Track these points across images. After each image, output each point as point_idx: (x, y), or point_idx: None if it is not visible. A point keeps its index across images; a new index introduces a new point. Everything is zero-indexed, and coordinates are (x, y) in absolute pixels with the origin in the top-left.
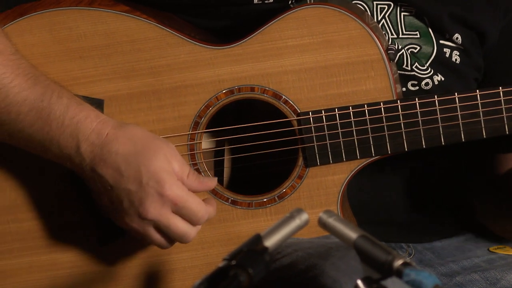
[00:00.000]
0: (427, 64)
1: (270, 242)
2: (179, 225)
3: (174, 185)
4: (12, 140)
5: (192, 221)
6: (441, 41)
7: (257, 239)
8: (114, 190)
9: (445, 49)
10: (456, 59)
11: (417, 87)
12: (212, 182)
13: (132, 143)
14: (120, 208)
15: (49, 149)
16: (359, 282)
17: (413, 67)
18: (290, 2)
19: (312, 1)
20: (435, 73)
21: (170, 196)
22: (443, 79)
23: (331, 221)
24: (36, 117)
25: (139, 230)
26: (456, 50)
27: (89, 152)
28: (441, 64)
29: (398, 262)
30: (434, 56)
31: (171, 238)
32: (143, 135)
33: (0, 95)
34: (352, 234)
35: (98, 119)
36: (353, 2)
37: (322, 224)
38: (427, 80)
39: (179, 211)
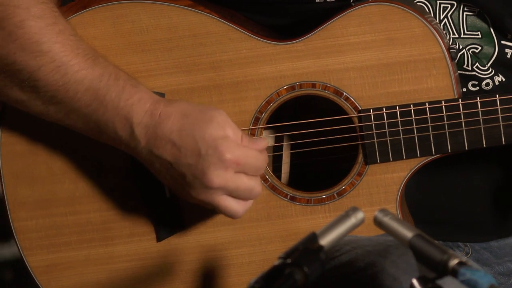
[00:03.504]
0: (488, 65)
1: (325, 241)
2: (245, 181)
3: (232, 147)
4: (68, 120)
5: (256, 172)
6: (502, 42)
7: (313, 238)
8: (175, 167)
9: (506, 50)
10: None
11: (478, 88)
12: (263, 141)
13: (184, 118)
14: (184, 183)
15: (105, 131)
16: (415, 281)
17: (474, 67)
18: (351, 0)
19: None
20: (496, 74)
21: (233, 159)
22: (504, 79)
23: (387, 220)
24: (92, 97)
25: (209, 201)
26: None
27: (143, 134)
28: (502, 64)
29: (454, 261)
30: (496, 57)
31: (241, 198)
32: (194, 108)
33: (60, 72)
34: (407, 233)
35: (151, 100)
36: (417, 1)
37: (378, 223)
38: (488, 80)
39: (242, 169)
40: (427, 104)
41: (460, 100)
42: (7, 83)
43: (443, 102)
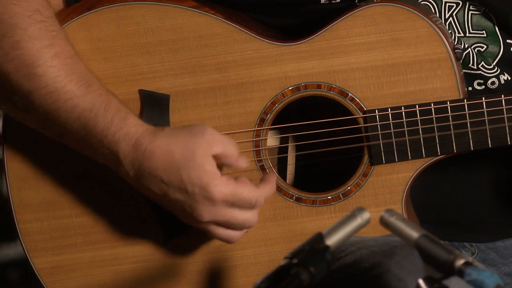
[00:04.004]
0: (494, 63)
1: (331, 241)
2: (236, 216)
3: (219, 185)
4: (63, 140)
5: (250, 207)
6: (508, 40)
7: (319, 238)
8: (165, 199)
9: (511, 48)
10: None
11: (483, 86)
12: (245, 163)
13: (169, 155)
14: (176, 212)
15: (96, 157)
16: (421, 282)
17: (479, 66)
18: (356, 1)
19: (379, 0)
20: (501, 72)
21: (220, 198)
22: (509, 78)
23: (393, 220)
24: (82, 125)
25: (201, 229)
26: None
27: (130, 167)
28: (507, 63)
29: (460, 262)
30: (501, 55)
31: (233, 229)
32: (178, 142)
33: (52, 98)
34: (413, 233)
35: (136, 135)
36: (421, 0)
37: (384, 223)
38: (493, 79)
39: (233, 205)
40: (432, 104)
41: (465, 100)
42: (2, 99)
43: (448, 102)
